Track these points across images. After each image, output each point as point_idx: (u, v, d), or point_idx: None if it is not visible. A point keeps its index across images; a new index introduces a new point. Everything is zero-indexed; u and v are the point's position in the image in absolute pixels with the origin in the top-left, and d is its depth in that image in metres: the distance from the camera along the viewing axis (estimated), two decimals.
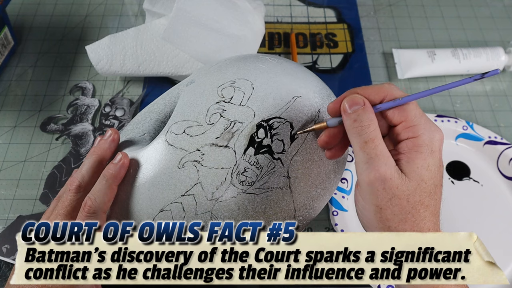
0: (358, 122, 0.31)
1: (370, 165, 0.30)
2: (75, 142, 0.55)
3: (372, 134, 0.31)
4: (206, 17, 0.54)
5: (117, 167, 0.38)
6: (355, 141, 0.31)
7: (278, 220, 0.36)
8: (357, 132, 0.31)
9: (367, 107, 0.31)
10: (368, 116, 0.31)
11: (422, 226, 0.31)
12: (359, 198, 0.33)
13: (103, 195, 0.37)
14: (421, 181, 0.31)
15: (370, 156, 0.30)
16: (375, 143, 0.31)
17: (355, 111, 0.31)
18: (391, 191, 0.30)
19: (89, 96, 0.59)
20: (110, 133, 0.41)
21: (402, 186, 0.30)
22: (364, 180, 0.31)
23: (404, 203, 0.30)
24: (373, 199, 0.31)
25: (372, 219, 0.32)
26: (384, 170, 0.30)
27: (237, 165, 0.35)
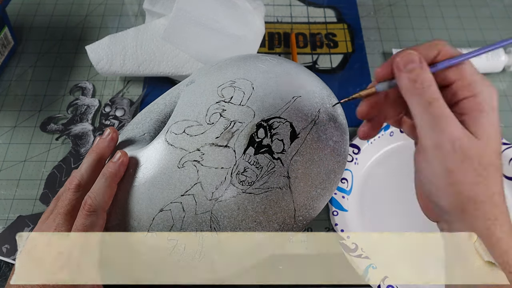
0: (418, 83, 0.29)
1: (437, 126, 0.29)
2: (75, 142, 0.55)
3: (435, 94, 0.29)
4: (206, 17, 0.54)
5: (117, 165, 0.38)
6: (416, 102, 0.29)
7: (278, 220, 0.36)
8: (418, 93, 0.29)
9: (425, 65, 0.30)
10: (428, 76, 0.29)
11: (494, 190, 0.29)
12: (424, 165, 0.30)
13: (103, 193, 0.36)
14: (490, 140, 0.29)
15: (436, 116, 0.29)
16: (439, 103, 0.29)
17: (413, 70, 0.29)
18: (462, 152, 0.28)
19: (89, 96, 0.59)
20: (108, 131, 0.41)
21: (472, 146, 0.29)
22: (431, 142, 0.29)
23: (476, 164, 0.29)
24: (443, 162, 0.29)
25: (442, 184, 0.30)
26: (453, 131, 0.29)
27: (237, 165, 0.35)
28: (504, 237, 0.29)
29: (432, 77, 0.29)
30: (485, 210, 0.29)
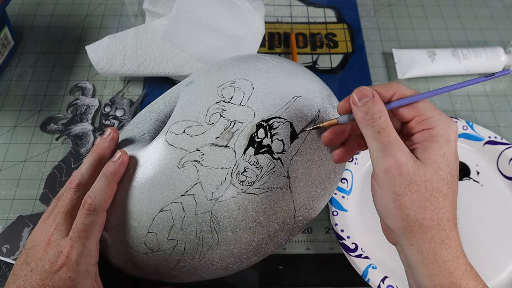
0: (369, 114, 0.31)
1: (385, 153, 0.30)
2: (75, 142, 0.55)
3: (384, 124, 0.31)
4: (206, 17, 0.54)
5: (117, 164, 0.38)
6: (367, 132, 0.32)
7: (278, 220, 0.36)
8: (369, 124, 0.31)
9: (377, 99, 0.32)
10: (378, 108, 0.31)
11: (441, 216, 0.31)
12: (376, 188, 0.32)
13: (103, 192, 0.37)
14: (438, 168, 0.30)
15: (384, 144, 0.31)
16: (387, 131, 0.31)
17: (365, 103, 0.32)
18: (408, 176, 0.30)
19: (89, 96, 0.59)
20: (109, 131, 0.41)
21: (419, 172, 0.30)
22: (380, 168, 0.31)
23: (422, 189, 0.30)
24: (390, 186, 0.31)
25: (391, 208, 0.31)
26: (400, 156, 0.30)
27: (237, 165, 0.35)
28: (451, 260, 0.31)
29: (383, 109, 0.32)
30: (431, 234, 0.30)
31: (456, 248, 0.31)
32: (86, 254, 0.35)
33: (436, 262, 0.31)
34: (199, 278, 0.39)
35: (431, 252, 0.31)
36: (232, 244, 0.36)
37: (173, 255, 0.37)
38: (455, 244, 0.31)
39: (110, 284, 0.39)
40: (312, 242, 0.48)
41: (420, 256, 0.31)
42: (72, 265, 0.35)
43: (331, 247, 0.48)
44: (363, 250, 0.45)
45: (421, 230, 0.31)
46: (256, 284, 0.46)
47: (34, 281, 0.35)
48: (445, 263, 0.30)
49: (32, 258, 0.36)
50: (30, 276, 0.35)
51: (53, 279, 0.35)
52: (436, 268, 0.31)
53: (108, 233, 0.38)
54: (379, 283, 0.43)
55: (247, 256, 0.38)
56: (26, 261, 0.36)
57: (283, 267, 0.47)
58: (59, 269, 0.35)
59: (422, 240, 0.31)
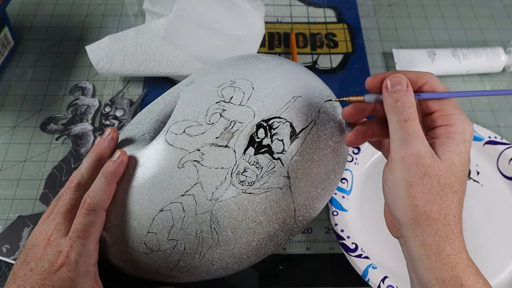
0: (400, 102, 0.32)
1: (407, 141, 0.31)
2: (75, 142, 0.55)
3: (412, 114, 0.32)
4: (206, 17, 0.54)
5: (116, 164, 0.38)
6: (394, 119, 0.32)
7: (278, 220, 0.36)
8: (397, 111, 0.32)
9: (409, 90, 0.32)
10: (409, 99, 0.32)
11: (448, 211, 0.31)
12: (389, 176, 0.33)
13: (102, 192, 0.37)
14: (452, 165, 0.31)
15: (408, 133, 0.31)
16: (414, 122, 0.31)
17: (398, 91, 0.32)
18: (424, 168, 0.31)
19: (89, 96, 0.59)
20: (109, 131, 0.41)
21: (434, 166, 0.31)
22: (399, 155, 0.32)
23: (435, 183, 0.31)
24: (404, 175, 0.31)
25: (401, 196, 0.32)
26: (420, 147, 0.31)
27: (237, 165, 0.35)
28: (453, 254, 0.31)
29: (414, 101, 0.32)
30: (437, 227, 0.31)
31: (459, 243, 0.32)
32: (85, 253, 0.35)
33: (439, 255, 0.31)
34: (199, 278, 0.39)
35: (434, 245, 0.31)
36: (232, 244, 0.36)
37: (173, 255, 0.37)
38: (459, 240, 0.32)
39: (110, 284, 0.39)
40: (312, 242, 0.48)
41: (423, 248, 0.31)
42: (72, 264, 0.35)
43: (331, 247, 0.48)
44: (363, 250, 0.45)
45: (427, 222, 0.31)
46: (256, 284, 0.46)
47: (34, 280, 0.35)
48: (448, 256, 0.31)
49: (32, 258, 0.36)
50: (29, 276, 0.35)
51: (52, 279, 0.35)
52: (439, 261, 0.31)
53: (108, 233, 0.38)
54: (379, 283, 0.43)
55: (247, 256, 0.37)
56: (26, 260, 0.36)
57: (283, 267, 0.47)
58: (59, 268, 0.35)
59: (427, 232, 0.31)
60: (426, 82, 0.33)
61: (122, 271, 0.41)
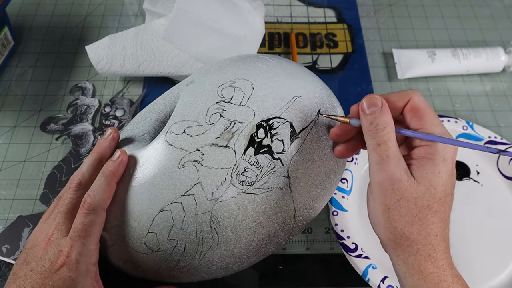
0: (373, 125, 0.32)
1: (381, 166, 0.32)
2: (75, 142, 0.55)
3: (385, 137, 0.31)
4: (206, 17, 0.54)
5: (116, 164, 0.38)
6: (369, 143, 0.32)
7: (278, 220, 0.36)
8: (371, 134, 0.32)
9: (384, 109, 0.32)
10: (384, 119, 0.32)
11: (429, 231, 0.31)
12: (370, 198, 0.34)
13: (102, 192, 0.37)
14: (430, 187, 0.31)
15: (381, 157, 0.31)
16: (387, 145, 0.31)
17: (372, 112, 0.32)
18: (400, 192, 0.31)
19: (89, 96, 0.59)
20: (110, 131, 0.41)
21: (410, 188, 0.31)
22: (375, 179, 0.32)
23: (412, 205, 0.31)
24: (382, 199, 0.32)
25: (380, 219, 0.33)
26: (394, 171, 0.31)
27: (237, 165, 0.35)
28: (436, 272, 0.31)
29: (389, 120, 0.32)
30: (417, 247, 0.31)
31: (443, 260, 0.32)
32: (86, 253, 0.35)
33: (421, 273, 0.32)
34: (199, 278, 0.39)
35: (416, 264, 0.32)
36: (232, 244, 0.36)
37: (173, 255, 0.37)
38: (443, 257, 0.32)
39: (110, 283, 0.39)
40: (312, 242, 0.48)
41: (405, 267, 0.32)
42: (72, 264, 0.35)
43: (331, 247, 0.48)
44: (363, 250, 0.45)
45: (407, 243, 0.32)
46: (256, 284, 0.46)
47: (34, 280, 0.35)
48: (430, 274, 0.31)
49: (32, 258, 0.36)
50: (30, 276, 0.35)
51: (53, 279, 0.35)
52: (421, 279, 0.31)
53: (108, 233, 0.38)
54: (379, 283, 0.43)
55: (247, 256, 0.37)
56: (26, 260, 0.36)
57: (283, 267, 0.47)
58: (59, 268, 0.35)
59: (407, 252, 0.32)
60: (408, 99, 0.33)
61: (122, 271, 0.41)
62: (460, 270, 0.33)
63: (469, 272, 0.46)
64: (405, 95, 0.33)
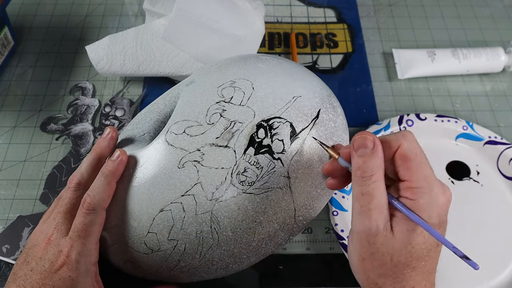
0: (360, 171, 0.30)
1: (361, 217, 0.30)
2: (75, 142, 0.55)
3: (371, 186, 0.30)
4: (206, 17, 0.54)
5: (115, 163, 0.38)
6: (354, 188, 0.31)
7: (278, 220, 0.36)
8: (357, 181, 0.31)
9: (375, 153, 0.30)
10: (372, 165, 0.30)
11: (404, 285, 0.31)
12: (349, 242, 0.33)
13: (102, 191, 0.37)
14: (408, 245, 0.30)
15: (363, 208, 0.30)
16: (371, 197, 0.30)
17: (362, 155, 0.30)
18: (375, 246, 0.30)
19: (89, 96, 0.59)
20: (108, 131, 0.41)
21: (386, 244, 0.30)
22: (354, 228, 0.32)
23: (387, 260, 0.30)
24: (358, 248, 0.32)
25: (356, 265, 0.33)
26: (372, 225, 0.30)
27: (237, 165, 0.35)
28: None
29: (378, 165, 0.30)
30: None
31: None
32: (86, 253, 0.36)
33: None
34: (199, 278, 0.39)
35: None
36: (232, 244, 0.36)
37: (173, 255, 0.37)
38: None
39: (111, 283, 0.39)
40: (312, 242, 0.48)
41: None
42: (72, 264, 0.35)
43: (331, 247, 0.48)
44: None
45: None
46: (256, 284, 0.46)
47: (34, 280, 0.35)
48: None
49: (32, 258, 0.36)
50: (30, 276, 0.35)
51: (53, 279, 0.35)
52: None
53: (108, 233, 0.38)
54: None
55: (247, 256, 0.38)
56: (26, 260, 0.36)
57: (283, 267, 0.47)
58: (59, 268, 0.35)
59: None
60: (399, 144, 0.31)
61: (122, 271, 0.41)
62: (459, 271, 0.33)
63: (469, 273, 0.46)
64: (395, 139, 0.31)
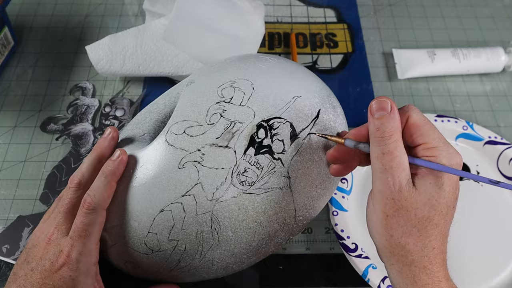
0: (380, 131, 0.31)
1: (384, 175, 0.31)
2: (75, 142, 0.55)
3: (391, 145, 0.31)
4: (206, 17, 0.54)
5: (116, 163, 0.38)
6: (374, 150, 0.31)
7: (278, 220, 0.36)
8: (377, 141, 0.31)
9: (393, 115, 0.31)
10: (391, 125, 0.31)
11: (426, 243, 0.31)
12: (370, 204, 0.33)
13: (102, 191, 0.37)
14: (432, 198, 0.31)
15: (385, 167, 0.31)
16: (392, 155, 0.31)
17: (380, 117, 0.31)
18: (400, 202, 0.31)
19: (89, 96, 0.59)
20: (109, 131, 0.41)
21: (411, 199, 0.31)
22: (377, 188, 0.32)
23: (411, 215, 0.31)
24: (381, 206, 0.32)
25: (378, 226, 0.32)
26: (395, 181, 0.31)
27: (238, 165, 0.35)
28: (431, 283, 0.31)
29: (396, 127, 0.31)
30: (412, 258, 0.31)
31: (439, 273, 0.32)
32: (86, 253, 0.36)
33: (416, 284, 0.31)
34: (199, 278, 0.39)
35: (410, 275, 0.32)
36: (233, 244, 0.36)
37: (174, 255, 0.37)
38: (438, 269, 0.32)
39: (111, 283, 0.39)
40: (312, 242, 0.48)
41: (399, 276, 0.32)
42: (73, 264, 0.35)
43: (331, 247, 0.48)
44: (363, 250, 0.45)
45: (403, 252, 0.31)
46: (256, 284, 0.46)
47: (35, 280, 0.35)
48: (425, 285, 0.31)
49: (33, 258, 0.36)
50: (30, 276, 0.35)
51: (53, 278, 0.35)
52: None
53: (108, 233, 0.38)
54: (379, 283, 0.43)
55: (247, 256, 0.38)
56: (27, 260, 0.36)
57: (283, 267, 0.47)
58: (60, 268, 0.35)
59: (402, 262, 0.32)
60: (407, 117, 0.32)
61: (123, 271, 0.41)
62: (459, 271, 0.33)
63: (469, 273, 0.46)
64: (403, 113, 0.32)
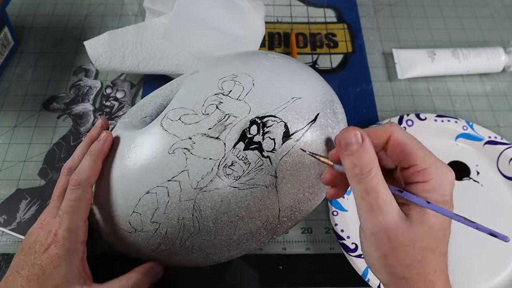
0: (357, 168, 0.29)
1: (374, 217, 0.29)
2: (76, 121, 0.57)
3: (373, 181, 0.29)
4: (207, 16, 0.54)
5: (101, 143, 0.39)
6: (356, 188, 0.30)
7: (261, 217, 0.37)
8: (357, 180, 0.29)
9: (366, 146, 0.29)
10: (368, 158, 0.29)
11: (428, 271, 0.30)
12: (364, 244, 0.32)
13: (88, 169, 0.38)
14: (429, 228, 0.30)
15: (372, 206, 0.29)
16: (377, 193, 0.29)
17: (352, 153, 0.29)
18: (396, 239, 0.29)
19: (92, 77, 0.60)
20: (99, 121, 0.43)
21: (407, 233, 0.29)
22: (368, 229, 0.30)
23: (410, 249, 0.29)
24: (378, 247, 0.30)
25: (377, 264, 0.31)
26: (388, 220, 0.29)
27: (225, 157, 0.35)
28: None
29: (373, 158, 0.29)
30: (417, 285, 0.30)
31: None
32: (73, 229, 0.36)
33: None
34: (179, 264, 0.40)
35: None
36: (213, 235, 0.36)
37: (155, 237, 0.37)
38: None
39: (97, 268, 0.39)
40: (312, 242, 0.48)
41: None
42: (59, 241, 0.36)
43: (331, 247, 0.48)
44: None
45: (408, 283, 0.30)
46: (256, 284, 0.46)
47: (26, 263, 0.36)
48: None
49: (26, 243, 0.37)
50: (23, 260, 0.36)
51: (41, 258, 0.36)
52: None
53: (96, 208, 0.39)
54: (379, 283, 0.43)
55: (227, 249, 0.38)
56: (21, 248, 0.37)
57: (283, 267, 0.47)
58: (48, 247, 0.36)
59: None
60: (389, 136, 0.31)
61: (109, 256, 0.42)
62: (459, 271, 0.33)
63: (468, 273, 0.46)
64: (384, 132, 0.31)
